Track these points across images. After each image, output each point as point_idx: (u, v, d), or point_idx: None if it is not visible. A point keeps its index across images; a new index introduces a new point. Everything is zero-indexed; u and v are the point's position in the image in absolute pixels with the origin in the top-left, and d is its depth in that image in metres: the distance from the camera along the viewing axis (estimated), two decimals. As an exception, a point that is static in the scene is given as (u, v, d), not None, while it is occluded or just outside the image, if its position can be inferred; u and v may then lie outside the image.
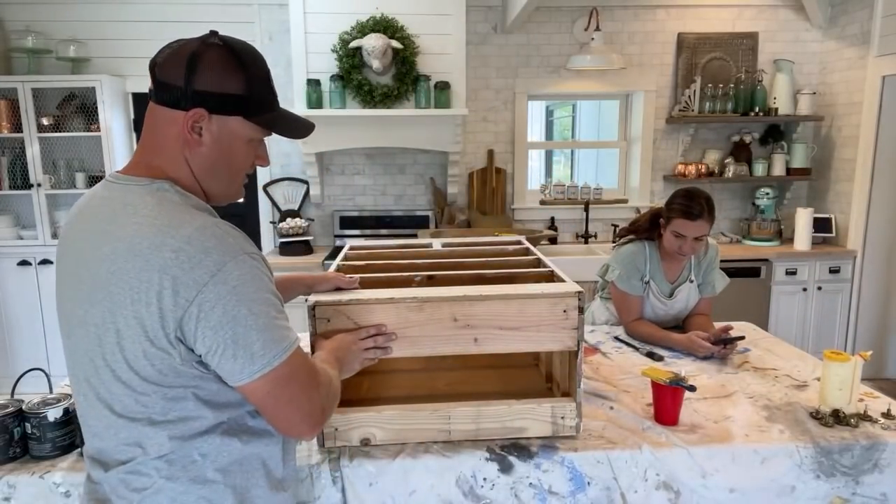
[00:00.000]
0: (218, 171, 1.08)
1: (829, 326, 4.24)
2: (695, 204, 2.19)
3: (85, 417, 1.08)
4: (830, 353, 1.62)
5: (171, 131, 1.04)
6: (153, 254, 0.94)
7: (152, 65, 1.06)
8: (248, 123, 1.08)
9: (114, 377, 1.00)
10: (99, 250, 0.99)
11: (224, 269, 0.95)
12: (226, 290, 0.94)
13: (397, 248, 2.04)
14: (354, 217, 4.39)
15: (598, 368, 1.99)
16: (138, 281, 0.94)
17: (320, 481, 1.41)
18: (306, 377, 1.04)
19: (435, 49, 3.91)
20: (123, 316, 0.96)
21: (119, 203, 1.02)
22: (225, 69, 1.03)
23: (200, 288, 0.93)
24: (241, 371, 0.97)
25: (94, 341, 1.00)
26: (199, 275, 0.93)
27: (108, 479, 1.04)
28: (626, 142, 4.72)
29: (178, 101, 1.02)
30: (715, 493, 1.46)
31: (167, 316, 0.94)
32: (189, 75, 1.01)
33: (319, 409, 1.05)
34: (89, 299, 1.00)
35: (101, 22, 4.12)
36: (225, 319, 0.94)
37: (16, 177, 4.06)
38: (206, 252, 0.94)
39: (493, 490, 1.43)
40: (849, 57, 4.19)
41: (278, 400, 1.00)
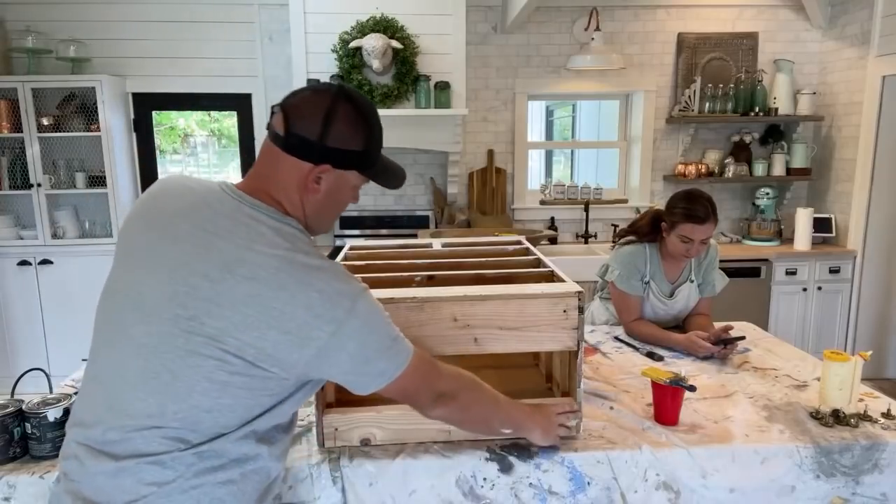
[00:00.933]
0: (326, 213, 1.20)
1: (829, 326, 4.24)
2: (699, 207, 2.18)
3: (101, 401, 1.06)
4: (830, 353, 1.62)
5: (294, 176, 1.12)
6: (300, 291, 1.03)
7: (284, 110, 1.11)
8: (359, 175, 1.18)
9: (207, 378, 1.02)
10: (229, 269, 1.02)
11: (356, 307, 1.06)
12: (358, 323, 1.06)
13: (397, 248, 2.04)
14: (354, 217, 4.39)
15: (598, 368, 1.99)
16: (280, 313, 1.02)
17: (320, 481, 1.40)
18: (426, 372, 1.19)
19: (435, 49, 3.91)
20: (254, 337, 1.02)
21: (255, 225, 1.07)
22: (354, 128, 1.12)
23: (340, 324, 1.04)
24: (369, 385, 1.13)
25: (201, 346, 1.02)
26: (338, 313, 1.04)
27: (112, 472, 1.01)
28: (626, 142, 4.72)
29: (308, 153, 1.10)
30: (715, 493, 1.46)
31: (304, 346, 1.03)
32: (324, 132, 1.09)
33: (443, 392, 1.22)
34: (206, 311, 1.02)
35: (101, 22, 4.12)
36: (359, 348, 1.07)
37: (16, 177, 4.06)
38: (340, 293, 1.06)
39: (493, 490, 1.43)
40: (849, 57, 4.19)
41: (407, 394, 1.19)
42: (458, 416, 1.31)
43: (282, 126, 1.11)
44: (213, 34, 4.16)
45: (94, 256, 4.00)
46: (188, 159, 5.24)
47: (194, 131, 5.26)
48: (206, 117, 5.17)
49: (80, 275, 4.00)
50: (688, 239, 2.20)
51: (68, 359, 3.90)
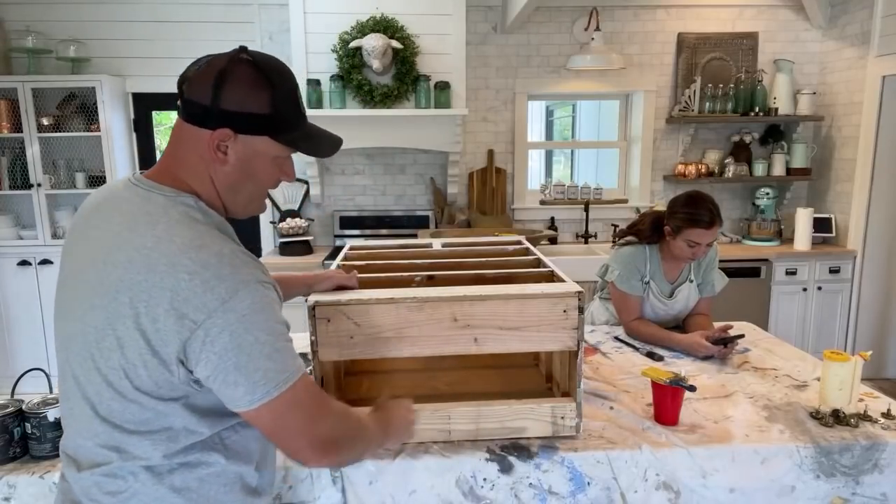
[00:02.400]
0: (241, 189, 1.08)
1: (829, 326, 4.24)
2: (705, 211, 2.17)
3: (68, 413, 1.07)
4: (830, 353, 1.62)
5: (197, 148, 1.03)
6: (168, 272, 0.93)
7: (181, 81, 1.05)
8: (274, 142, 1.06)
9: (105, 382, 0.99)
10: (112, 255, 0.98)
11: (235, 296, 0.94)
12: (234, 317, 0.94)
13: (397, 248, 2.04)
14: (354, 217, 4.39)
15: (598, 368, 1.99)
16: (148, 296, 0.93)
17: (320, 481, 1.41)
18: (312, 405, 1.02)
19: (435, 49, 3.91)
20: (125, 326, 0.95)
21: (140, 210, 1.01)
22: (252, 88, 1.02)
23: (210, 313, 0.93)
24: (242, 398, 0.96)
25: (92, 343, 0.99)
26: (210, 300, 0.93)
27: (80, 480, 1.03)
28: (626, 142, 4.72)
29: (204, 119, 1.01)
30: (715, 493, 1.46)
31: (171, 336, 0.94)
32: (216, 94, 1.00)
33: (328, 439, 1.04)
34: (91, 300, 0.99)
35: (101, 22, 4.12)
36: (230, 346, 0.94)
37: (16, 177, 4.06)
38: (220, 278, 0.94)
39: (493, 490, 1.43)
40: (849, 57, 4.19)
41: (282, 427, 1.00)
42: (333, 463, 1.25)
43: (180, 96, 1.04)
44: (213, 34, 4.16)
45: (94, 256, 4.00)
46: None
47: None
48: (206, 117, 5.19)
49: (80, 275, 4.00)
50: (694, 243, 2.20)
51: (68, 359, 3.90)
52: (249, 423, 1.02)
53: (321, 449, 1.04)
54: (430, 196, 4.47)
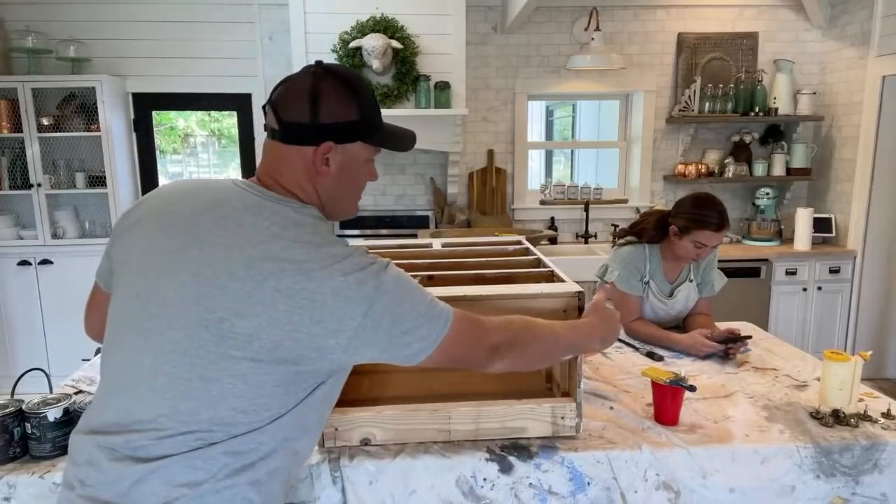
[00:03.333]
0: (342, 196, 1.18)
1: (829, 326, 4.24)
2: (715, 213, 2.17)
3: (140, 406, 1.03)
4: (830, 353, 1.62)
5: (300, 164, 1.11)
6: (326, 278, 1.01)
7: (272, 105, 1.12)
8: (365, 146, 1.16)
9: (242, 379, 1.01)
10: (255, 266, 1.01)
11: (383, 282, 1.05)
12: (388, 298, 1.04)
13: (397, 248, 2.04)
14: (354, 217, 4.38)
15: (598, 368, 1.99)
16: (311, 303, 1.00)
17: (320, 481, 1.41)
18: (471, 330, 1.14)
19: (435, 49, 3.91)
20: (286, 331, 1.00)
21: (278, 218, 1.06)
22: (342, 99, 1.11)
23: (370, 302, 1.03)
24: (417, 354, 1.09)
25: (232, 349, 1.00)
26: (366, 291, 1.03)
27: (138, 475, 0.99)
28: (626, 142, 4.72)
29: (306, 137, 1.10)
30: (715, 493, 1.46)
31: (340, 330, 1.02)
32: (314, 111, 1.09)
33: (498, 346, 1.16)
34: (233, 310, 1.00)
35: (101, 22, 4.12)
36: (395, 319, 1.05)
37: (16, 177, 4.06)
38: (365, 272, 1.04)
39: (493, 490, 1.43)
40: (849, 57, 4.19)
41: (458, 358, 1.15)
42: (519, 363, 1.22)
43: (274, 120, 1.11)
44: (213, 34, 4.16)
45: (94, 256, 3.96)
46: (188, 159, 5.25)
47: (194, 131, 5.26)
48: (206, 117, 5.18)
49: (80, 275, 3.99)
50: (701, 245, 2.20)
51: (68, 359, 3.90)
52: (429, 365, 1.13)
53: (493, 354, 1.16)
54: (430, 196, 4.47)
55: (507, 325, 1.20)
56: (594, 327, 1.35)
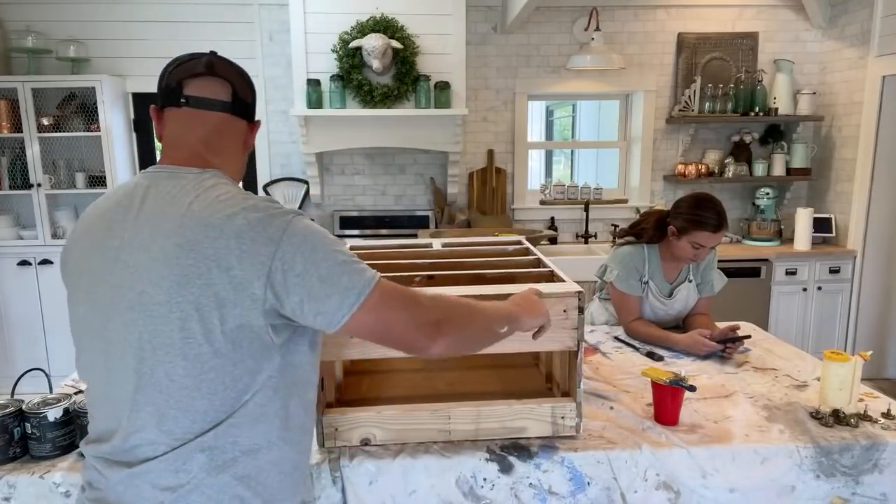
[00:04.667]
0: (242, 172, 1.25)
1: (829, 326, 4.24)
2: (713, 214, 2.17)
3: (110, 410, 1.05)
4: (830, 353, 1.62)
5: (239, 138, 1.20)
6: (227, 223, 1.00)
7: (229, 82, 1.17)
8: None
9: (180, 354, 0.99)
10: (158, 229, 1.02)
11: (292, 224, 1.02)
12: (299, 240, 1.01)
13: (397, 248, 2.04)
14: (354, 217, 4.39)
15: (598, 368, 1.99)
16: (214, 249, 0.98)
17: (320, 481, 1.41)
18: (403, 296, 1.07)
19: (435, 49, 3.91)
20: (198, 286, 0.98)
21: (176, 187, 1.07)
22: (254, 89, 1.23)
23: (277, 243, 0.99)
24: (340, 308, 1.01)
25: (158, 321, 0.99)
26: (273, 232, 1.00)
27: (128, 479, 1.01)
28: (626, 142, 4.72)
29: (249, 113, 1.21)
30: (715, 493, 1.46)
31: (251, 277, 0.98)
32: (252, 90, 1.21)
33: (433, 321, 1.07)
34: (147, 279, 1.00)
35: (101, 22, 4.12)
36: (308, 264, 1.00)
37: (16, 177, 4.06)
38: (272, 216, 1.02)
39: (493, 490, 1.43)
40: (849, 57, 4.19)
41: (386, 324, 1.04)
42: (460, 343, 1.15)
43: (228, 94, 1.15)
44: (213, 34, 4.16)
45: (94, 256, 4.00)
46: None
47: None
48: (206, 117, 5.19)
49: (80, 275, 4.00)
50: (699, 245, 2.20)
51: (68, 359, 3.89)
52: (354, 336, 1.08)
53: (433, 331, 1.07)
54: (430, 196, 4.47)
55: (441, 301, 1.14)
56: (515, 304, 1.29)
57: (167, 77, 1.15)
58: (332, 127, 3.96)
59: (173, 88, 1.13)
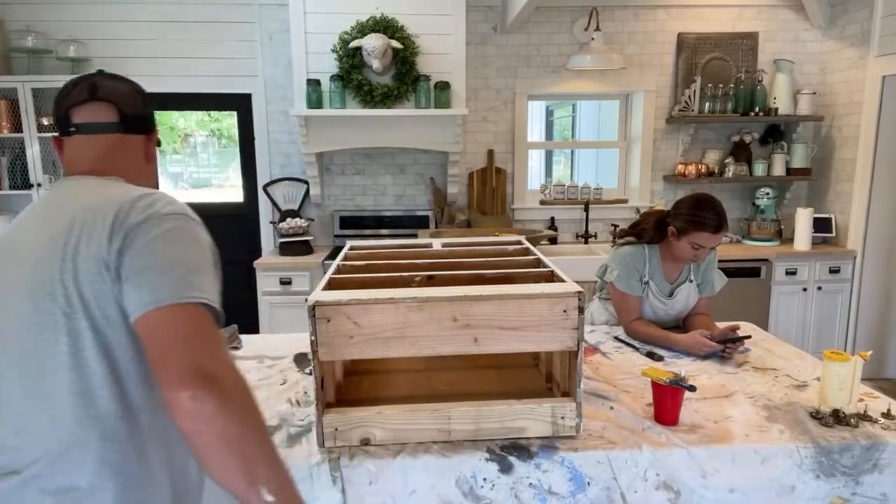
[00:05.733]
0: (153, 182, 1.30)
1: (829, 326, 4.24)
2: (713, 215, 2.17)
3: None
4: (830, 353, 1.62)
5: (139, 150, 1.26)
6: (108, 207, 1.05)
7: (115, 104, 1.22)
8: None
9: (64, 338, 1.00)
10: (49, 222, 1.08)
11: (164, 219, 1.05)
12: (159, 231, 1.03)
13: (397, 248, 2.04)
14: (354, 217, 4.39)
15: (598, 368, 1.99)
16: (92, 225, 1.03)
17: (320, 481, 1.41)
18: (207, 333, 0.99)
19: (435, 49, 3.91)
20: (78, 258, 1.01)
21: (75, 188, 1.16)
22: (148, 99, 1.31)
23: (139, 224, 1.03)
24: (141, 300, 0.98)
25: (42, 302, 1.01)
26: (141, 217, 1.04)
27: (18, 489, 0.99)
28: (626, 142, 4.72)
29: (143, 127, 1.27)
30: (715, 493, 1.46)
31: (112, 248, 1.01)
32: (145, 105, 1.28)
33: (210, 374, 0.93)
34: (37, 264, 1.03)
35: (101, 22, 4.12)
36: (145, 252, 1.01)
37: (16, 177, 4.06)
38: (152, 206, 1.06)
39: (493, 490, 1.43)
40: (849, 57, 4.19)
41: (166, 339, 0.96)
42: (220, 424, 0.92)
43: (115, 114, 1.21)
44: (213, 34, 4.16)
45: (94, 256, 4.00)
46: (188, 159, 5.25)
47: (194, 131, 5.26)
48: (206, 117, 5.17)
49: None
50: (699, 246, 2.20)
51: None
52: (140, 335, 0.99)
53: (199, 379, 0.92)
54: (430, 196, 4.47)
55: (236, 371, 0.99)
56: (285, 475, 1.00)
57: (56, 107, 1.21)
58: (332, 127, 3.96)
59: (62, 118, 1.20)
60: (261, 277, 3.91)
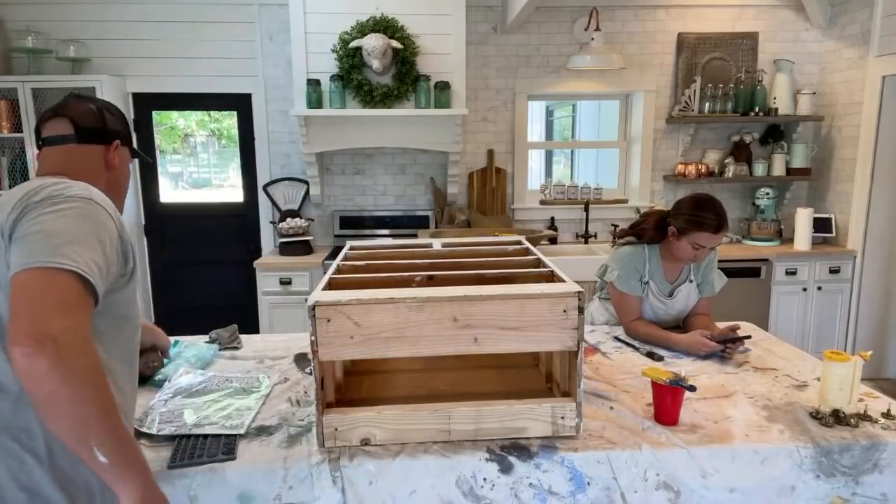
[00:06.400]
0: (119, 185, 1.47)
1: (829, 326, 4.24)
2: (713, 216, 2.16)
3: None
4: (830, 353, 1.62)
5: (96, 160, 1.40)
6: (26, 188, 1.20)
7: (70, 118, 1.38)
8: (127, 151, 1.49)
9: None
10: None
11: (64, 199, 1.17)
12: (53, 207, 1.14)
13: (397, 248, 2.04)
14: (354, 217, 4.39)
15: (598, 368, 1.99)
16: (8, 202, 1.18)
17: (320, 481, 1.41)
18: (63, 298, 1.03)
19: (435, 49, 3.91)
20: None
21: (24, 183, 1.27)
22: (115, 115, 1.46)
23: (40, 200, 1.15)
24: (16, 262, 1.08)
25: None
26: (44, 195, 1.17)
27: None
28: (626, 142, 4.72)
29: (100, 137, 1.40)
30: (715, 493, 1.46)
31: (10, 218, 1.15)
32: (104, 119, 1.42)
33: (52, 333, 0.98)
34: None
35: (101, 22, 4.12)
36: (35, 220, 1.12)
37: (16, 177, 4.06)
38: (57, 188, 1.19)
39: (493, 490, 1.43)
40: (849, 57, 4.19)
41: (23, 295, 1.03)
42: (51, 384, 0.97)
43: (70, 128, 1.37)
44: (213, 34, 4.16)
45: (94, 256, 4.00)
46: (188, 159, 5.24)
47: (194, 131, 5.25)
48: (206, 117, 5.17)
49: (80, 275, 4.00)
50: (699, 246, 2.20)
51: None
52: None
53: (36, 338, 0.97)
54: (430, 196, 4.47)
55: (88, 343, 1.02)
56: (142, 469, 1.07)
57: (36, 127, 1.42)
58: (332, 127, 3.96)
59: (36, 135, 1.40)
60: (261, 277, 3.91)
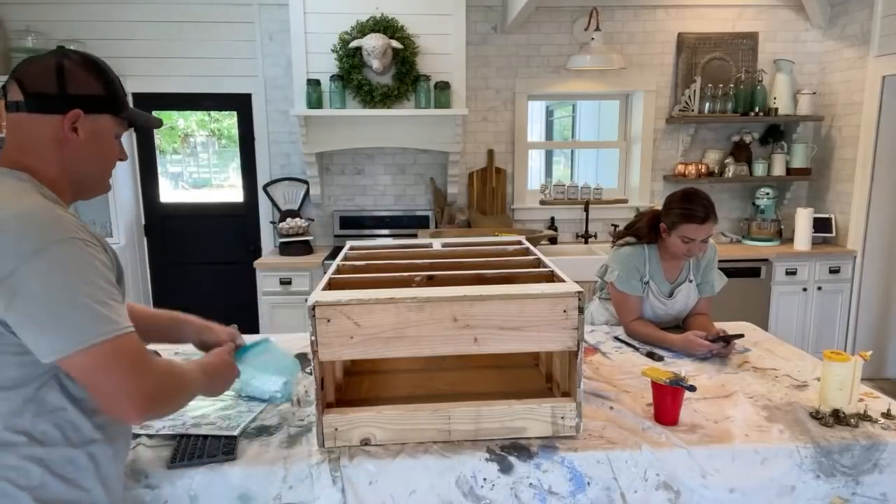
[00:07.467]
0: (93, 165, 1.19)
1: (829, 326, 4.24)
2: (698, 206, 2.17)
3: None
4: (830, 353, 1.62)
5: (45, 134, 1.13)
6: None
7: (16, 81, 1.13)
8: (115, 121, 1.21)
9: None
10: None
11: (50, 248, 0.99)
12: (47, 267, 0.98)
13: (397, 248, 2.04)
14: (354, 217, 4.39)
15: (598, 368, 1.99)
16: None
17: (320, 481, 1.41)
18: (135, 359, 1.05)
19: (435, 49, 3.91)
20: None
21: None
22: (88, 74, 1.17)
23: (24, 261, 0.97)
24: (52, 345, 0.99)
25: None
26: (24, 249, 0.98)
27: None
28: (626, 142, 4.72)
29: (53, 106, 1.13)
30: (715, 493, 1.46)
31: None
32: (60, 82, 1.13)
33: (152, 395, 1.06)
34: None
35: (102, 22, 4.12)
36: (41, 294, 0.97)
37: (16, 177, 4.05)
38: (33, 229, 1.00)
39: (493, 490, 1.43)
40: (849, 57, 4.19)
41: (102, 379, 1.02)
42: (163, 411, 1.16)
43: (18, 93, 1.12)
44: (213, 34, 4.16)
45: (94, 256, 3.99)
46: (188, 159, 5.24)
47: (194, 131, 5.25)
48: (206, 117, 5.17)
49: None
50: (689, 239, 2.20)
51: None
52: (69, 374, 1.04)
53: (145, 405, 1.05)
54: (430, 196, 4.47)
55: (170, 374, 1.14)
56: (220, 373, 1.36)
57: None
58: (332, 127, 3.96)
59: None
60: (261, 277, 3.91)
